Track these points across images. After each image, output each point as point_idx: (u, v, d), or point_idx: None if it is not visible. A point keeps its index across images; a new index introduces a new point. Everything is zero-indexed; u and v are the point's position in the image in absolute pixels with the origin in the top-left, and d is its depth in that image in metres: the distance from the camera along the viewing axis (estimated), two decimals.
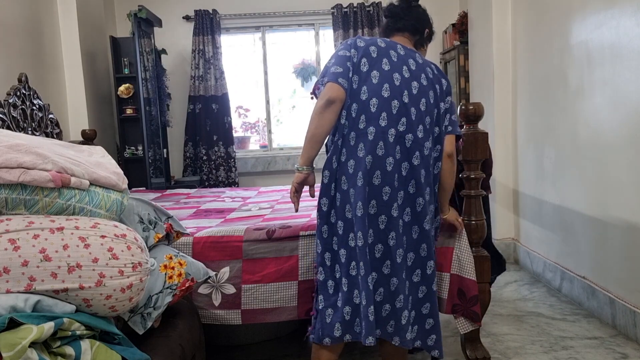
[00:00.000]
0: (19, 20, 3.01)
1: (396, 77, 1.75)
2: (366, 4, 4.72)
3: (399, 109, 1.74)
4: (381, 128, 1.72)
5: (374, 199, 1.72)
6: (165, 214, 1.78)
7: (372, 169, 1.71)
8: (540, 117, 3.14)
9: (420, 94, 1.78)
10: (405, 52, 1.83)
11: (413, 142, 1.75)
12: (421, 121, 1.77)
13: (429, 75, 1.83)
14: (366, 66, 1.75)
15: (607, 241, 2.49)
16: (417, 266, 1.82)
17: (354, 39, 1.81)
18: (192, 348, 1.72)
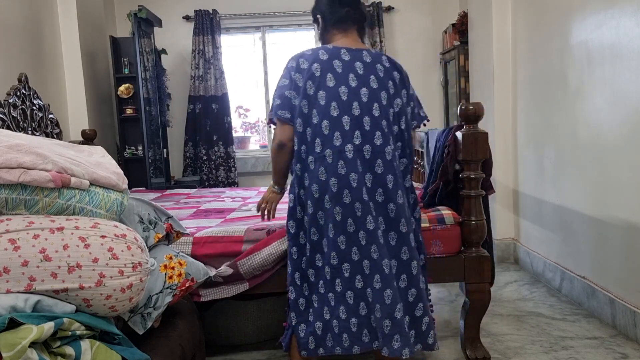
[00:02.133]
0: (19, 20, 3.01)
1: (342, 91, 1.74)
2: (366, 4, 4.72)
3: (351, 124, 1.73)
4: (337, 148, 1.73)
5: (350, 217, 1.73)
6: (165, 214, 1.78)
7: (339, 190, 1.72)
8: (540, 117, 3.14)
9: (371, 99, 1.76)
10: (350, 56, 1.79)
11: (372, 152, 1.75)
12: (378, 127, 1.76)
13: (379, 74, 1.79)
14: (312, 88, 1.74)
15: (607, 241, 2.49)
16: (402, 271, 1.82)
17: (296, 61, 1.78)
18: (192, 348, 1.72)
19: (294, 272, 1.84)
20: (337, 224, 1.73)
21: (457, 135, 2.11)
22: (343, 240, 1.74)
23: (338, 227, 1.73)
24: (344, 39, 1.84)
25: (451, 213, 2.14)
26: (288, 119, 1.77)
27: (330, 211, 1.73)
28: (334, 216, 1.73)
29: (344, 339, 1.77)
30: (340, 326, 1.77)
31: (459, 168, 2.15)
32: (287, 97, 1.76)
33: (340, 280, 1.76)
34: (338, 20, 1.85)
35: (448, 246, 2.11)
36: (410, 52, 4.90)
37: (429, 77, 4.91)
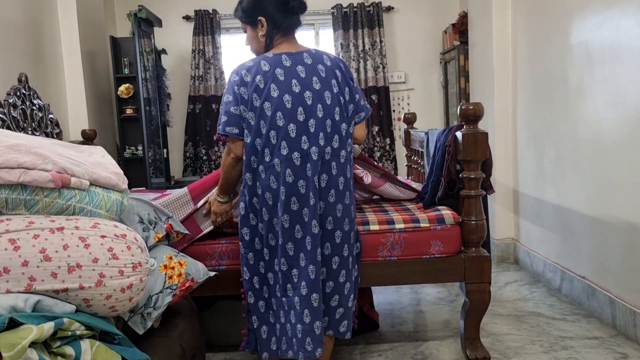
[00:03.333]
0: (19, 20, 3.01)
1: (286, 100, 1.74)
2: (366, 4, 4.72)
3: (297, 131, 1.75)
4: (285, 156, 1.74)
5: (297, 224, 1.77)
6: (165, 214, 1.78)
7: (287, 198, 1.75)
8: (540, 117, 3.14)
9: (315, 101, 1.77)
10: (291, 61, 1.78)
11: (318, 154, 1.76)
12: (322, 129, 1.77)
13: (321, 75, 1.79)
14: (258, 100, 1.75)
15: (607, 241, 2.49)
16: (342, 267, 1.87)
17: (239, 74, 1.77)
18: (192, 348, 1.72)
19: (252, 277, 1.87)
20: (285, 231, 1.77)
21: (457, 135, 2.11)
22: (291, 247, 1.79)
23: (286, 234, 1.78)
24: (285, 43, 1.83)
25: (451, 213, 2.14)
26: (236, 134, 1.78)
27: (280, 219, 1.77)
28: (282, 224, 1.77)
29: (294, 344, 1.82)
30: (291, 331, 1.82)
31: (459, 168, 2.15)
32: (233, 113, 1.77)
33: (290, 285, 1.81)
34: (287, 27, 1.83)
35: (448, 246, 2.11)
36: (410, 52, 4.90)
37: (429, 77, 4.91)
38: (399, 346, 2.37)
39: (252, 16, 1.82)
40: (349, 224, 1.86)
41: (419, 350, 2.32)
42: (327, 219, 1.80)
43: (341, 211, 1.82)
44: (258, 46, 1.86)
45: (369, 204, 2.53)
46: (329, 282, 1.85)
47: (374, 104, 4.73)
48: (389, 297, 3.00)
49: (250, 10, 1.82)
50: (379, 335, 2.50)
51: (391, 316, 2.74)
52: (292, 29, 1.84)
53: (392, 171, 4.76)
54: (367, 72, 4.72)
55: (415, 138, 3.14)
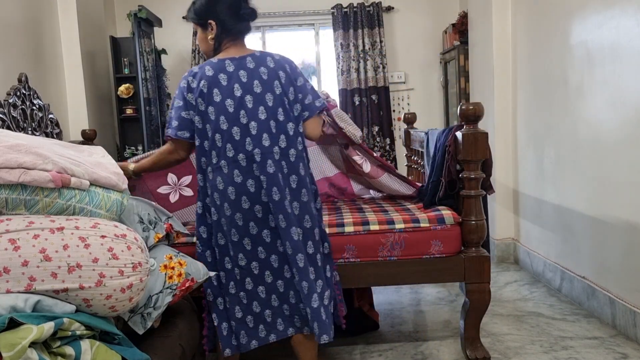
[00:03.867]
0: (19, 20, 3.01)
1: (229, 104, 1.80)
2: (366, 4, 4.72)
3: (241, 133, 1.80)
4: (231, 158, 1.79)
5: (251, 221, 1.82)
6: (165, 214, 1.78)
7: (237, 197, 1.80)
8: (540, 117, 3.14)
9: (257, 104, 1.81)
10: (234, 66, 1.83)
11: (262, 155, 1.80)
12: (265, 130, 1.81)
13: (263, 77, 1.84)
14: (203, 104, 1.81)
15: (607, 241, 2.49)
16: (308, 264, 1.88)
17: (187, 80, 1.83)
18: (192, 348, 1.72)
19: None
20: (240, 228, 1.82)
21: (457, 135, 2.11)
22: (248, 242, 1.84)
23: (241, 231, 1.83)
24: (232, 48, 1.88)
25: (451, 213, 2.14)
26: (187, 138, 1.85)
27: (231, 217, 1.82)
28: (236, 222, 1.82)
29: (260, 330, 1.89)
30: (255, 319, 1.89)
31: (459, 168, 2.15)
32: (184, 118, 1.84)
33: (250, 279, 1.86)
34: (236, 33, 1.88)
35: (448, 246, 2.11)
36: (410, 52, 4.90)
37: (429, 77, 4.91)
38: (399, 346, 2.37)
39: (203, 18, 1.87)
40: (310, 221, 1.87)
41: (419, 350, 2.32)
42: (279, 217, 1.83)
43: (298, 208, 1.85)
44: (206, 48, 1.93)
45: (369, 203, 2.53)
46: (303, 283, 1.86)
47: (374, 104, 4.74)
48: (389, 297, 3.00)
49: (202, 12, 1.87)
50: (379, 335, 2.50)
51: (391, 316, 2.74)
52: (242, 34, 1.90)
53: None
54: (367, 72, 4.72)
55: (415, 138, 3.14)
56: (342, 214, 2.30)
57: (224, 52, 1.88)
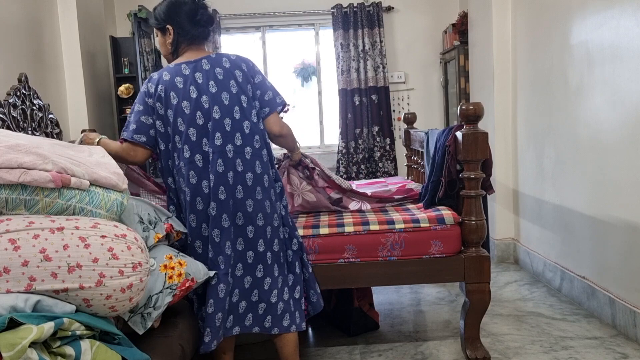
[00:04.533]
0: (19, 20, 3.01)
1: (185, 106, 1.84)
2: (366, 4, 4.72)
3: (197, 134, 1.84)
4: (188, 159, 1.84)
5: (204, 222, 1.86)
6: (165, 214, 1.78)
7: (192, 198, 1.84)
8: (540, 117, 3.14)
9: (212, 104, 1.85)
10: (189, 69, 1.88)
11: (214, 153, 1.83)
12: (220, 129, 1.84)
13: (218, 77, 1.88)
14: (162, 109, 1.88)
15: (607, 241, 2.49)
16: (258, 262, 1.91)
17: (146, 86, 1.90)
18: (192, 348, 1.72)
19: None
20: (193, 230, 1.87)
21: (457, 135, 2.11)
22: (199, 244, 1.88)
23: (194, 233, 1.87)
24: (189, 52, 1.94)
25: (451, 213, 2.14)
26: (143, 143, 1.90)
27: (188, 218, 1.87)
28: (190, 223, 1.87)
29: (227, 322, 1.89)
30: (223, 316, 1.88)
31: (459, 168, 2.15)
32: (143, 122, 1.89)
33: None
34: (193, 38, 1.93)
35: (448, 246, 2.11)
36: (410, 52, 4.90)
37: (429, 77, 4.91)
38: (399, 346, 2.37)
39: (162, 24, 1.94)
40: (263, 219, 1.89)
41: (419, 350, 2.32)
42: (237, 214, 1.86)
43: (252, 206, 1.87)
44: (165, 51, 2.00)
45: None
46: (246, 277, 1.90)
47: (374, 104, 4.74)
48: (389, 297, 3.00)
49: (161, 17, 1.94)
50: (379, 335, 2.50)
51: (391, 316, 2.74)
52: (198, 39, 1.95)
53: (392, 171, 4.76)
54: (367, 72, 4.72)
55: (415, 138, 3.14)
56: (342, 214, 2.30)
57: (182, 56, 1.94)
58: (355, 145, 4.76)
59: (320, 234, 2.11)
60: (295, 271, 1.99)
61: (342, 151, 4.77)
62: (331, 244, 2.09)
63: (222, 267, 1.83)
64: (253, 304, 1.91)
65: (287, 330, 1.94)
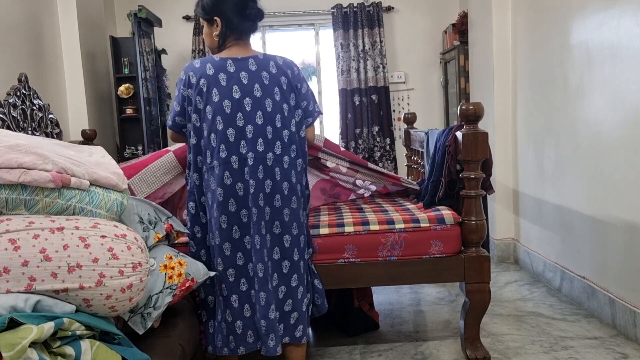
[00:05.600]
0: (19, 20, 3.01)
1: (226, 105, 1.80)
2: (366, 4, 4.72)
3: (236, 135, 1.81)
4: (223, 159, 1.81)
5: (235, 225, 1.82)
6: (165, 214, 1.78)
7: (224, 199, 1.81)
8: (540, 117, 3.14)
9: (255, 108, 1.82)
10: (235, 67, 1.83)
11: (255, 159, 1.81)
12: (261, 135, 1.82)
13: (264, 82, 1.83)
14: (201, 103, 1.84)
15: (607, 241, 2.49)
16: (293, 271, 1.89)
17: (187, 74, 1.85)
18: (192, 348, 1.72)
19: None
20: (223, 232, 1.83)
21: (457, 135, 2.11)
22: (228, 247, 1.84)
23: (223, 234, 1.83)
24: (235, 47, 1.88)
25: (451, 213, 2.14)
26: (169, 126, 1.91)
27: (217, 219, 1.83)
28: (220, 224, 1.82)
29: (230, 341, 1.87)
30: (227, 328, 1.87)
31: (459, 168, 2.15)
32: (174, 109, 1.88)
33: (225, 286, 1.86)
34: (241, 32, 1.87)
35: (448, 246, 2.11)
36: (410, 52, 4.90)
37: (429, 77, 4.91)
38: (399, 346, 2.37)
39: (210, 14, 1.87)
40: (297, 228, 1.89)
41: (419, 350, 2.32)
42: (274, 223, 1.84)
43: (288, 215, 1.86)
44: (211, 43, 1.93)
45: (369, 203, 2.53)
46: (281, 287, 1.88)
47: (374, 104, 4.74)
48: (389, 297, 3.00)
49: (209, 8, 1.87)
50: (379, 335, 2.50)
51: (391, 316, 2.74)
52: (246, 33, 1.89)
53: (393, 171, 4.76)
54: (367, 72, 4.72)
55: (415, 138, 3.14)
56: (342, 214, 2.30)
57: (227, 50, 1.87)
58: (356, 145, 4.76)
59: (320, 234, 2.11)
60: (308, 279, 1.99)
61: None
62: (331, 244, 2.09)
63: (260, 275, 1.81)
64: (286, 314, 1.89)
65: (309, 338, 1.95)
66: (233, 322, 1.85)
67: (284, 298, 1.89)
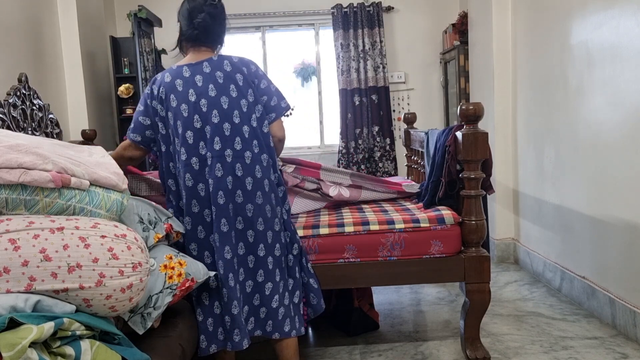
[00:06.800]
0: (19, 20, 3.01)
1: (184, 109, 1.85)
2: (366, 4, 4.72)
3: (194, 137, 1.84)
4: (184, 162, 1.84)
5: (200, 225, 1.86)
6: (165, 214, 1.78)
7: (187, 200, 1.85)
8: (540, 117, 3.14)
9: (211, 108, 1.84)
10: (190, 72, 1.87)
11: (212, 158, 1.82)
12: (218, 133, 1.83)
13: (218, 81, 1.87)
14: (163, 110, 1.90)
15: (607, 241, 2.49)
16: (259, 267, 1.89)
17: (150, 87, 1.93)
18: (192, 348, 1.72)
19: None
20: (188, 233, 1.86)
21: (457, 135, 2.11)
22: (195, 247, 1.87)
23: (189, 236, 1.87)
24: (191, 54, 1.94)
25: (451, 213, 2.14)
26: (138, 142, 1.94)
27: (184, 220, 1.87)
28: (185, 225, 1.86)
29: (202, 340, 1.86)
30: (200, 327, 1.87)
31: (459, 168, 2.15)
32: (140, 122, 1.93)
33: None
34: (191, 39, 1.93)
35: (448, 246, 2.11)
36: (410, 52, 4.90)
37: (429, 77, 4.91)
38: (399, 346, 2.37)
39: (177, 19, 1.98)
40: (263, 224, 1.88)
41: (419, 350, 2.32)
42: (237, 218, 1.85)
43: (252, 211, 1.86)
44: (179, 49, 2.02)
45: (369, 203, 2.53)
46: (247, 281, 1.89)
47: (374, 104, 4.74)
48: (389, 297, 3.00)
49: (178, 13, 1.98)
50: (379, 335, 2.50)
51: (391, 316, 2.74)
52: (198, 41, 1.93)
53: (392, 171, 4.76)
54: (367, 72, 4.72)
55: (415, 138, 3.14)
56: (342, 214, 2.30)
57: (186, 57, 1.95)
58: (356, 145, 4.76)
59: (320, 234, 2.11)
60: (295, 276, 1.99)
61: (342, 151, 4.77)
62: (331, 244, 2.09)
63: (221, 272, 1.82)
64: (255, 308, 1.90)
65: (288, 335, 1.93)
66: (204, 321, 1.86)
67: (252, 292, 1.89)
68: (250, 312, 1.90)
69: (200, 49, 1.94)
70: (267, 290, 1.90)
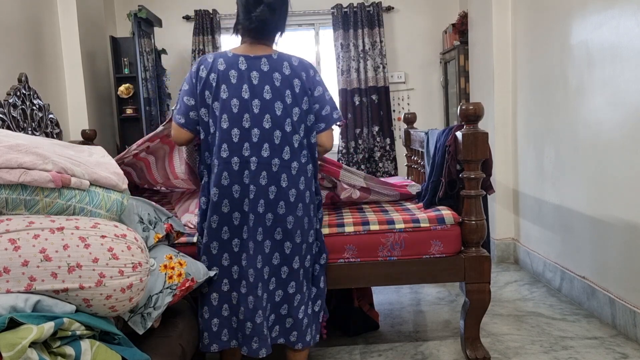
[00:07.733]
0: (19, 20, 3.01)
1: (234, 104, 1.76)
2: (366, 4, 4.72)
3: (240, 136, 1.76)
4: (224, 159, 1.76)
5: (225, 226, 1.79)
6: (165, 214, 1.78)
7: (219, 199, 1.77)
8: (540, 117, 3.14)
9: (263, 111, 1.76)
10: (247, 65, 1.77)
11: (258, 164, 1.76)
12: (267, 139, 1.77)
13: (275, 84, 1.78)
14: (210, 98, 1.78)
15: (607, 241, 2.49)
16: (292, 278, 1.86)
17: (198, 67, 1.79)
18: (192, 348, 1.72)
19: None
20: (212, 231, 1.80)
21: (457, 135, 2.11)
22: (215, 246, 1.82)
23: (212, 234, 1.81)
24: (249, 44, 1.82)
25: (451, 213, 2.14)
26: (182, 124, 1.81)
27: (208, 218, 1.80)
28: (210, 223, 1.80)
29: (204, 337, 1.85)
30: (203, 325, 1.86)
31: (459, 168, 2.15)
32: (185, 103, 1.80)
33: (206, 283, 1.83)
34: (244, 30, 1.83)
35: (448, 246, 2.11)
36: (410, 52, 4.90)
37: (429, 77, 4.91)
38: (399, 346, 2.37)
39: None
40: (300, 237, 1.84)
41: (419, 350, 2.32)
42: (276, 229, 1.81)
43: (292, 223, 1.82)
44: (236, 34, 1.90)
45: (368, 203, 2.53)
46: (278, 291, 1.87)
47: (374, 104, 4.74)
48: (389, 297, 3.00)
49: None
50: (379, 335, 2.50)
51: (391, 316, 2.74)
52: (258, 33, 1.82)
53: (392, 171, 4.76)
54: (367, 72, 4.72)
55: (415, 138, 3.14)
56: (342, 214, 2.30)
57: (242, 46, 1.83)
58: (356, 145, 4.77)
59: None
60: (319, 285, 1.95)
61: (342, 151, 4.77)
62: (331, 244, 2.09)
63: (251, 280, 1.78)
64: (282, 317, 1.88)
65: (309, 344, 1.90)
66: (210, 319, 1.84)
67: (281, 302, 1.87)
68: (276, 321, 1.88)
69: (259, 41, 1.83)
70: (295, 301, 1.87)
